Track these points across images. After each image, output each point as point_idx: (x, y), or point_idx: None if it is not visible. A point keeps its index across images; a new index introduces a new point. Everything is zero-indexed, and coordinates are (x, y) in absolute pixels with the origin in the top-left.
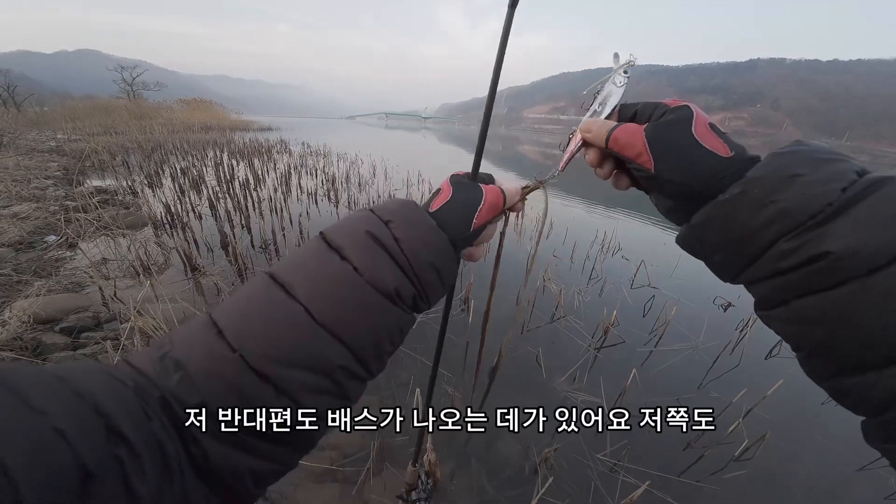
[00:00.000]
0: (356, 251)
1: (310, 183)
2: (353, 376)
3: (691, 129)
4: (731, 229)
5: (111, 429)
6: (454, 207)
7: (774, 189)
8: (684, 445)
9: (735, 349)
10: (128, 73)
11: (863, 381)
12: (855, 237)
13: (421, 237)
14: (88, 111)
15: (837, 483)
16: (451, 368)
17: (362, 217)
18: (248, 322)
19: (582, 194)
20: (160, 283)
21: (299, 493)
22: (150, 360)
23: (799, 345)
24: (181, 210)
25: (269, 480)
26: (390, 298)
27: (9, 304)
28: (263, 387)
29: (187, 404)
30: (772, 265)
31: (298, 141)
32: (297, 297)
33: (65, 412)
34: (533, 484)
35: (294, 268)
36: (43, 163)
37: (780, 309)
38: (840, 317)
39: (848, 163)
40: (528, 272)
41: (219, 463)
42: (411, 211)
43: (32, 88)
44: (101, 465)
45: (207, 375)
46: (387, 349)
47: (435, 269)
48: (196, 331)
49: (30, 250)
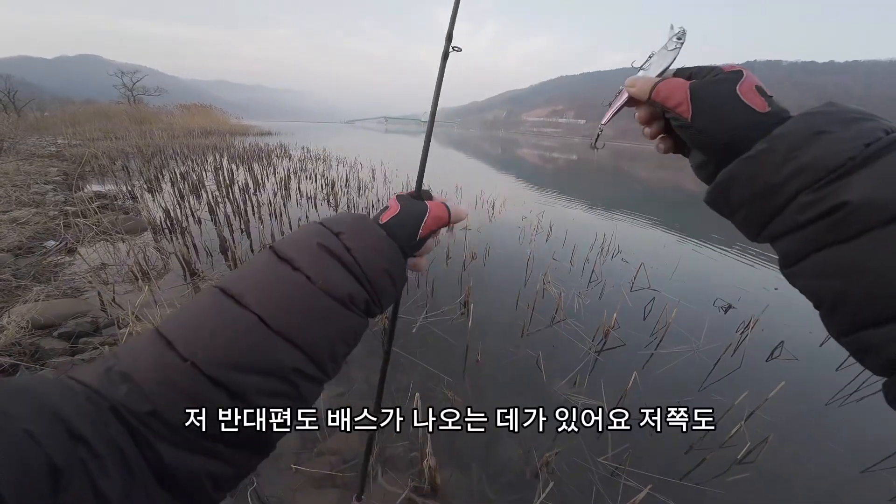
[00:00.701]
0: (308, 262)
1: (309, 187)
2: (308, 379)
3: (736, 87)
4: (754, 185)
5: (72, 433)
6: (402, 219)
7: (798, 145)
8: (686, 448)
9: (736, 351)
10: (128, 78)
11: (882, 333)
12: (873, 188)
13: (372, 245)
14: (89, 116)
15: (840, 485)
16: (450, 372)
17: (312, 230)
18: (198, 332)
19: (582, 196)
20: (159, 288)
21: (298, 498)
22: (96, 374)
23: (820, 300)
24: (181, 215)
25: (228, 484)
26: (343, 304)
27: (7, 310)
28: (216, 392)
29: (137, 412)
30: (792, 219)
31: (298, 145)
32: (248, 306)
33: (31, 416)
34: (534, 488)
35: (243, 280)
36: (43, 168)
37: (801, 264)
38: (858, 268)
39: (877, 122)
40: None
41: (175, 466)
42: (362, 223)
43: (33, 93)
44: (68, 465)
45: (157, 384)
46: (342, 351)
47: (388, 275)
48: (142, 344)
49: (29, 255)
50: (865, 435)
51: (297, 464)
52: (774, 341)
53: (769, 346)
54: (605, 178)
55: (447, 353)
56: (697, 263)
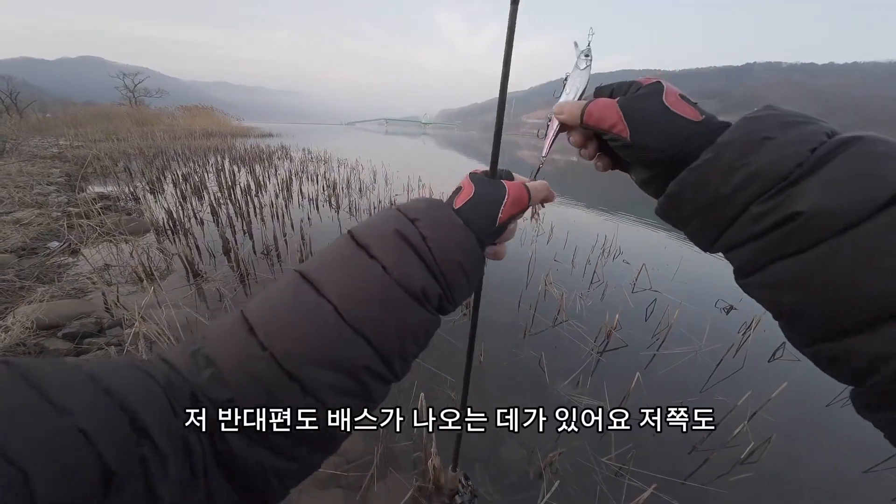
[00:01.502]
0: (384, 250)
1: (311, 188)
2: (378, 377)
3: (662, 99)
4: (704, 195)
5: (137, 427)
6: (478, 204)
7: (745, 152)
8: (689, 449)
9: (738, 352)
10: (130, 79)
11: (842, 346)
12: (824, 197)
13: (448, 235)
14: (91, 118)
15: (843, 485)
16: (452, 373)
17: (390, 216)
18: (277, 320)
19: (582, 198)
20: (162, 289)
21: (303, 498)
22: (183, 356)
23: (779, 311)
24: (183, 216)
25: (293, 481)
26: (417, 299)
27: (12, 310)
28: (291, 386)
29: (216, 400)
30: (746, 229)
31: (299, 147)
32: (326, 295)
33: (90, 411)
34: (538, 488)
35: (323, 266)
36: (45, 169)
37: (756, 275)
38: (814, 279)
39: (817, 125)
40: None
41: (244, 461)
42: (438, 209)
43: (35, 95)
44: (124, 466)
45: (238, 372)
46: (412, 351)
47: (461, 268)
48: (228, 327)
49: (32, 256)
50: (868, 435)
51: None
52: (776, 342)
53: (771, 346)
54: (605, 179)
55: (450, 354)
56: (699, 265)
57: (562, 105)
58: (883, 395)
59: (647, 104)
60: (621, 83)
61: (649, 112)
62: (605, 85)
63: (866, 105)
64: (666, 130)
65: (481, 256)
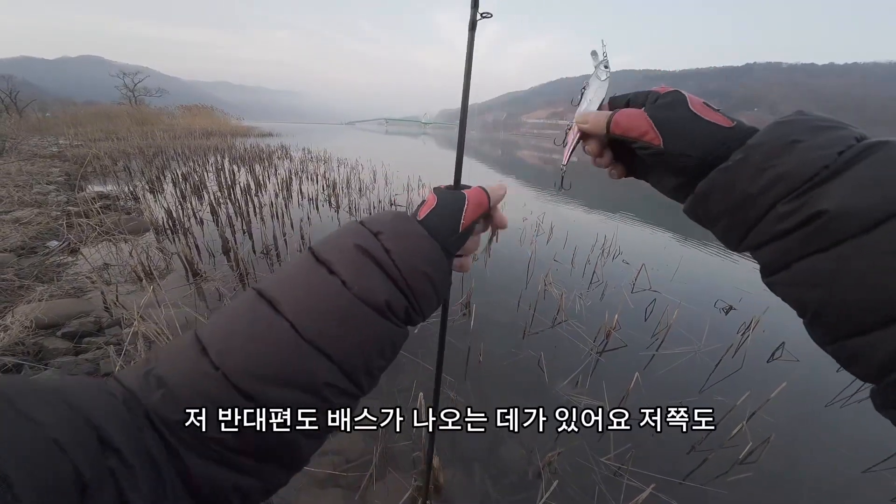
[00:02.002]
0: (344, 265)
1: (310, 188)
2: (341, 393)
3: (689, 107)
4: (732, 195)
5: (103, 441)
6: (441, 212)
7: (774, 154)
8: (688, 449)
9: (737, 352)
10: (130, 79)
11: (864, 342)
12: (849, 197)
13: (413, 246)
14: (90, 117)
15: (842, 485)
16: (452, 373)
17: (351, 230)
18: (231, 339)
19: (582, 198)
20: (162, 289)
21: (302, 498)
22: (136, 377)
23: (803, 309)
24: (182, 215)
25: (257, 497)
26: (380, 312)
27: (11, 309)
28: (246, 406)
29: (169, 420)
30: (771, 228)
31: (299, 146)
32: (282, 312)
33: (60, 423)
34: (537, 488)
35: (281, 283)
36: (45, 168)
37: (782, 273)
38: (838, 277)
39: (848, 130)
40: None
41: (202, 479)
42: (402, 222)
43: (35, 94)
44: (96, 476)
45: (189, 392)
46: (378, 364)
47: (428, 278)
48: (180, 348)
49: (32, 255)
50: (866, 435)
51: None
52: (775, 342)
53: (770, 347)
54: (606, 179)
55: (449, 354)
56: (698, 265)
57: (586, 115)
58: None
59: (677, 112)
60: (637, 93)
61: (680, 120)
62: (620, 95)
63: (866, 105)
64: (699, 137)
65: (447, 266)
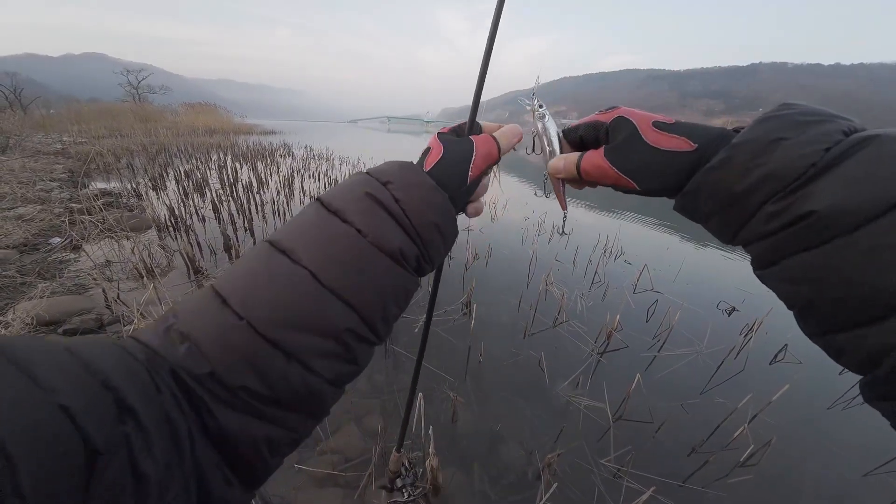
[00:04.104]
0: (357, 213)
1: (312, 186)
2: (361, 339)
3: (645, 142)
4: (720, 195)
5: (120, 404)
6: (448, 163)
7: (759, 153)
8: (689, 451)
9: (739, 354)
10: (133, 76)
11: (853, 335)
12: (838, 195)
13: (422, 197)
14: (94, 114)
15: (843, 488)
16: (452, 372)
17: (360, 180)
18: (253, 289)
19: (584, 198)
20: (163, 286)
21: (301, 497)
22: (156, 334)
23: (792, 303)
24: (185, 213)
25: (284, 449)
26: (395, 259)
27: (12, 306)
28: (273, 352)
29: (196, 374)
30: (761, 228)
31: (301, 144)
32: (300, 261)
33: (73, 388)
34: (536, 489)
35: (294, 234)
36: (48, 165)
37: (771, 268)
38: (827, 274)
39: (835, 122)
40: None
41: (234, 432)
42: (410, 172)
43: (39, 91)
44: (108, 444)
45: (215, 344)
46: (393, 312)
47: (437, 229)
48: (199, 302)
49: (34, 252)
50: (868, 438)
51: (299, 463)
52: (778, 344)
53: (773, 349)
54: None
55: (449, 354)
56: (701, 266)
57: (555, 166)
58: (889, 384)
59: (635, 149)
60: (586, 127)
61: (642, 159)
62: (571, 128)
63: (872, 106)
64: (668, 171)
65: (455, 217)
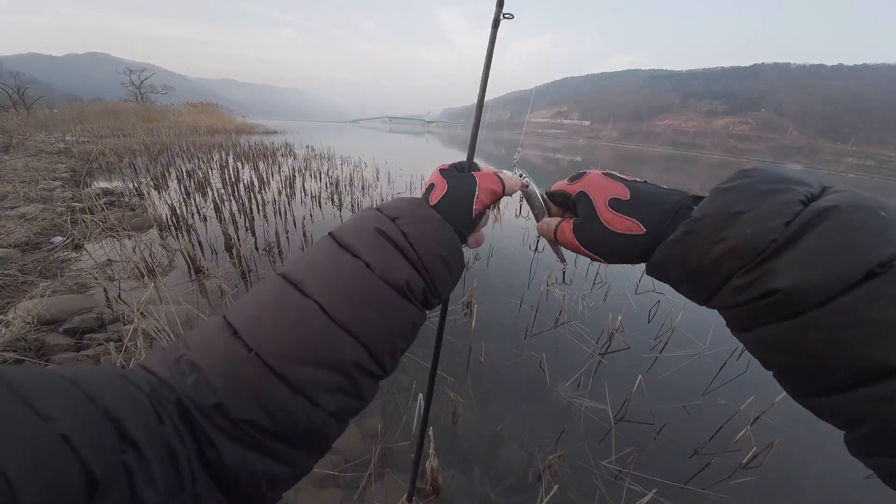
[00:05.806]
0: (367, 248)
1: (314, 186)
2: (367, 374)
3: (602, 223)
4: (686, 267)
5: (121, 434)
6: (453, 198)
7: (720, 228)
8: (691, 453)
9: (742, 356)
10: (136, 76)
11: (829, 401)
12: (799, 274)
13: (429, 231)
14: (97, 114)
15: (845, 491)
16: (453, 373)
17: (370, 216)
18: (262, 321)
19: None
20: (164, 285)
21: (300, 497)
22: (166, 364)
23: (768, 367)
24: (186, 212)
25: (284, 485)
26: (402, 294)
27: (13, 305)
28: (279, 386)
29: (203, 405)
30: (730, 298)
31: (303, 144)
32: (310, 294)
33: (73, 418)
34: (537, 491)
35: (305, 267)
36: (51, 164)
37: (745, 334)
38: (797, 346)
39: (793, 191)
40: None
41: (234, 465)
42: (418, 207)
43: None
44: (108, 474)
45: (223, 376)
46: (400, 346)
47: (444, 262)
48: (211, 332)
49: (36, 251)
50: None
51: None
52: None
53: None
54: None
55: (450, 354)
56: None
57: (540, 228)
58: (866, 445)
59: (595, 229)
60: (561, 195)
61: (600, 241)
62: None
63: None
64: (625, 252)
65: (461, 250)
